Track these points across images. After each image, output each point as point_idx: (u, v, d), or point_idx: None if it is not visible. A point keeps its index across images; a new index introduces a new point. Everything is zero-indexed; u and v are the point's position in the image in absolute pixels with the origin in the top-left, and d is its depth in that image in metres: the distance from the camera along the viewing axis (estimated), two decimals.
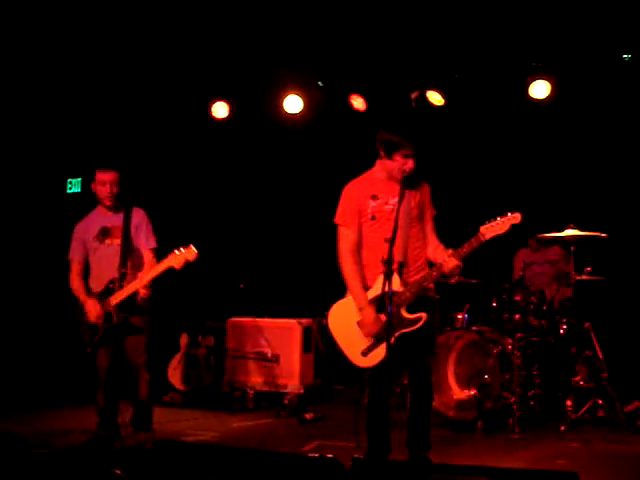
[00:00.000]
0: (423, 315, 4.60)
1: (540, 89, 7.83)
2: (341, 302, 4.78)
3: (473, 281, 7.19)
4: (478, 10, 7.32)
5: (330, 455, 3.65)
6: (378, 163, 4.89)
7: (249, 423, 6.97)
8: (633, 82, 7.56)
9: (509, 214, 4.65)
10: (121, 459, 4.83)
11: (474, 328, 6.95)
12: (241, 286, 8.45)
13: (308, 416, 6.96)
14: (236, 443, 6.11)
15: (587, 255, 7.05)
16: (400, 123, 4.96)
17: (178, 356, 8.03)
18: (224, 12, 7.66)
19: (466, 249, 4.67)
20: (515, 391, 6.49)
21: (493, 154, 8.46)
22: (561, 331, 6.95)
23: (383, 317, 4.54)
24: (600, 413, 6.64)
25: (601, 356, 6.86)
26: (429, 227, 4.96)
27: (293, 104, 8.53)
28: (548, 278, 7.60)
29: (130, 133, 8.86)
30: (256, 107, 8.78)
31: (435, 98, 8.15)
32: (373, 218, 4.75)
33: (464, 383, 6.74)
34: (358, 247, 4.78)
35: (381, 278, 4.52)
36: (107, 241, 5.83)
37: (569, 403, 6.57)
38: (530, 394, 6.70)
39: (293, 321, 7.84)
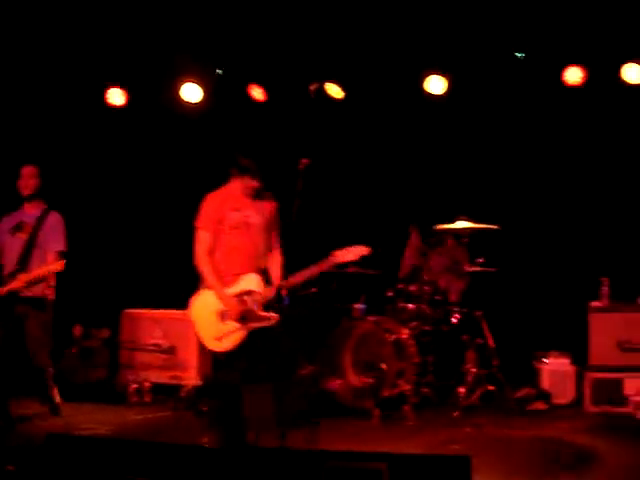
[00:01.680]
0: (274, 315, 5.18)
1: (436, 85, 7.99)
2: (200, 295, 5.31)
3: (369, 272, 7.30)
4: (378, 4, 7.41)
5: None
6: (233, 180, 5.44)
7: (145, 416, 6.86)
8: (526, 80, 7.82)
9: (359, 247, 5.22)
10: (14, 454, 4.68)
11: (370, 318, 7.06)
12: (137, 277, 8.31)
13: (205, 408, 6.90)
14: (132, 436, 6.00)
15: (480, 246, 7.28)
16: (251, 150, 5.58)
17: (71, 349, 7.83)
18: None
19: (298, 278, 5.22)
20: (410, 379, 6.64)
21: (390, 147, 8.60)
22: (454, 320, 7.15)
23: (239, 307, 5.16)
24: (491, 399, 6.87)
25: (492, 344, 7.10)
26: (275, 240, 5.49)
27: (191, 92, 8.41)
28: (443, 269, 7.78)
29: (24, 121, 8.54)
30: (153, 95, 8.61)
31: (334, 91, 8.20)
32: (234, 227, 5.30)
33: (361, 372, 6.83)
34: (213, 250, 5.31)
35: (247, 277, 5.20)
36: (18, 234, 6.32)
37: (461, 390, 6.76)
38: (424, 381, 6.85)
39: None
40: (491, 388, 6.91)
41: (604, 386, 6.79)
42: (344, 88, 8.20)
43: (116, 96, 8.60)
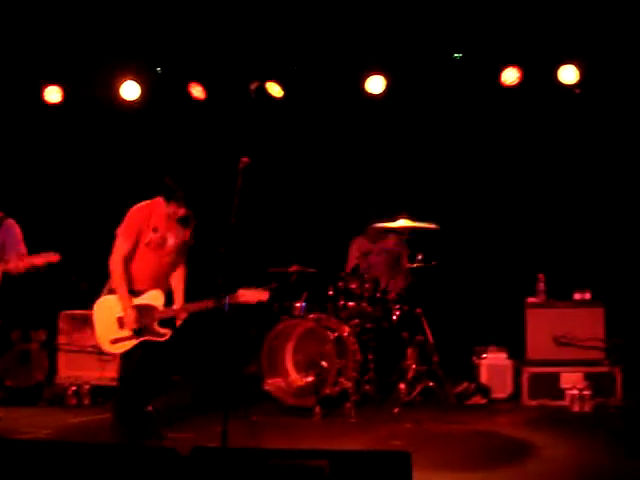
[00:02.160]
0: (167, 331, 5.52)
1: (375, 84, 8.06)
2: (107, 297, 5.64)
3: (310, 270, 7.32)
4: (317, 4, 7.44)
5: (169, 446, 3.62)
6: (160, 199, 5.66)
7: (85, 418, 6.77)
8: (463, 79, 7.94)
9: (261, 291, 5.46)
10: None
11: (311, 316, 7.08)
12: (73, 278, 8.15)
13: (149, 409, 6.83)
14: (72, 439, 5.92)
15: (420, 243, 7.36)
16: (182, 176, 5.74)
17: (9, 352, 7.67)
18: None
19: (196, 307, 5.55)
20: (351, 376, 6.68)
21: (331, 146, 8.64)
22: (394, 317, 7.21)
23: (138, 319, 5.48)
24: (431, 395, 6.96)
25: (432, 340, 7.19)
26: (184, 256, 5.84)
27: (130, 90, 8.32)
28: (385, 267, 7.86)
29: None
30: (91, 92, 8.48)
31: (274, 90, 8.20)
32: (148, 244, 5.59)
33: (302, 370, 6.85)
34: (129, 260, 5.59)
35: (152, 292, 5.55)
36: None
37: (402, 386, 6.83)
38: (366, 379, 6.90)
39: None
40: (431, 384, 7.00)
41: (541, 380, 6.94)
42: (284, 87, 8.21)
43: (53, 93, 8.45)
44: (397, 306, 7.24)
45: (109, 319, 5.55)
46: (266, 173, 7.95)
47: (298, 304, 7.23)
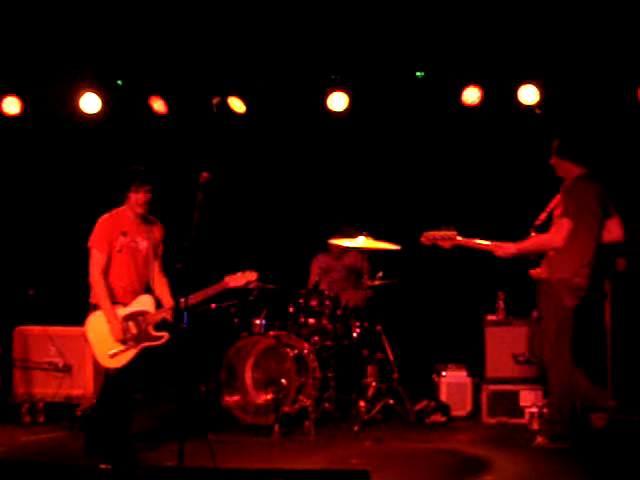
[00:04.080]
0: (164, 334, 5.60)
1: (338, 101, 8.07)
2: (96, 314, 5.66)
3: (270, 287, 7.27)
4: (281, 19, 7.45)
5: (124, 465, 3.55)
6: (126, 202, 5.82)
7: (39, 437, 6.63)
8: (425, 98, 7.99)
9: (248, 272, 5.74)
10: None
11: (271, 333, 7.03)
12: (30, 292, 8.02)
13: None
14: (25, 457, 5.79)
15: (382, 260, 7.36)
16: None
17: None
18: (17, 3, 7.29)
19: (191, 300, 5.36)
20: (311, 394, 6.63)
21: (292, 162, 8.64)
22: (354, 334, 7.20)
23: (133, 328, 5.60)
24: (391, 412, 6.94)
25: (392, 358, 7.19)
26: (158, 263, 5.94)
27: (91, 103, 8.22)
28: (346, 283, 7.85)
29: None
30: (50, 104, 8.38)
31: (237, 105, 8.18)
32: (121, 251, 5.69)
33: (261, 388, 6.79)
34: (106, 271, 5.67)
35: (142, 298, 5.66)
36: None
37: (362, 404, 6.80)
38: (325, 396, 6.86)
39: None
40: (391, 401, 6.98)
41: (500, 398, 6.96)
42: (246, 102, 8.19)
43: (11, 105, 8.33)
44: (357, 323, 7.22)
45: (102, 334, 5.58)
46: (227, 188, 7.93)
47: (258, 321, 7.17)
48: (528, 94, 7.70)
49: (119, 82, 8.30)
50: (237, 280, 5.70)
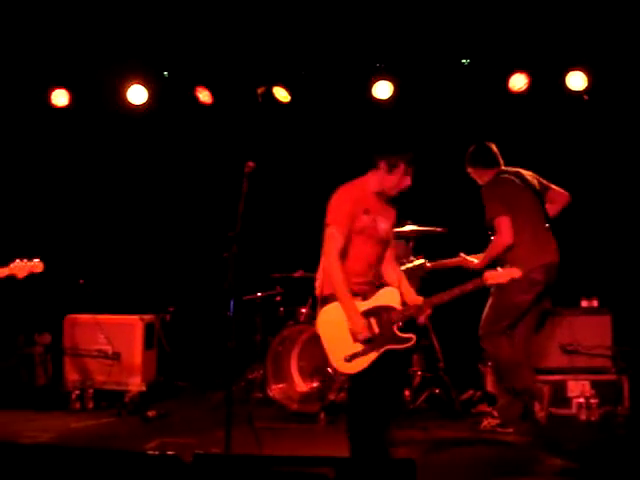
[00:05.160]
0: (413, 336, 4.63)
1: (383, 89, 8.03)
2: (329, 308, 4.63)
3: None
4: (325, 8, 7.43)
5: (171, 452, 3.59)
6: (370, 175, 4.79)
7: (89, 423, 6.74)
8: (471, 85, 7.90)
9: (510, 268, 4.82)
10: None
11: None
12: (81, 281, 8.16)
13: (150, 414, 6.82)
14: (74, 443, 5.90)
15: (427, 248, 7.32)
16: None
17: (13, 355, 7.66)
18: None
19: (444, 297, 4.73)
20: None
21: (337, 151, 8.61)
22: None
23: (374, 326, 4.55)
24: (437, 402, 6.91)
25: (438, 346, 7.14)
26: (392, 252, 4.91)
27: (137, 94, 8.31)
28: None
29: None
30: (98, 96, 8.49)
31: (281, 94, 8.19)
32: (359, 233, 4.61)
33: (307, 376, 6.82)
34: (343, 255, 4.60)
35: (386, 290, 4.63)
36: None
37: (407, 393, 6.78)
38: None
39: (135, 317, 7.63)
40: (437, 391, 6.95)
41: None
42: (291, 92, 8.19)
43: (60, 97, 8.45)
44: None
45: (339, 332, 4.52)
46: (272, 178, 7.94)
47: (304, 310, 7.20)
48: (576, 80, 7.58)
49: (165, 73, 8.38)
50: (499, 277, 4.75)
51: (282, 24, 7.62)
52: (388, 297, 4.62)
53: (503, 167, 6.34)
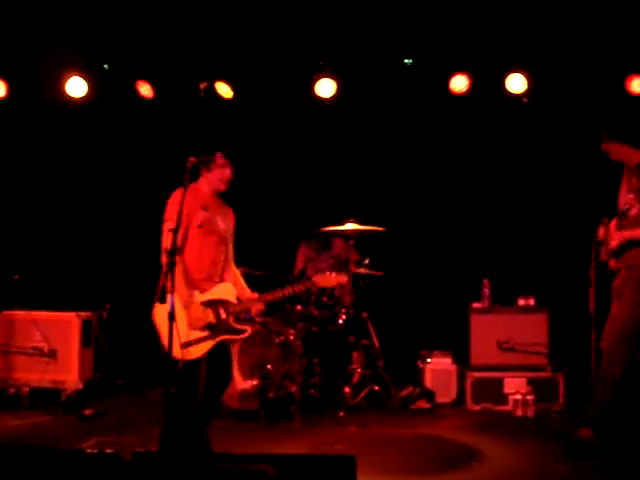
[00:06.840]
0: (248, 328, 5.04)
1: (326, 88, 8.04)
2: (169, 296, 4.72)
3: (257, 273, 7.26)
4: (269, 4, 7.40)
5: (110, 450, 3.54)
6: (202, 177, 5.20)
7: (24, 421, 6.60)
8: (413, 85, 7.97)
9: (336, 274, 5.22)
10: None
11: (257, 319, 7.02)
12: (15, 277, 7.97)
13: (87, 412, 6.71)
14: (10, 442, 5.77)
15: (368, 248, 7.38)
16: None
17: None
18: None
19: (275, 295, 5.14)
20: (296, 380, 6.65)
21: (279, 149, 8.60)
22: (340, 321, 7.21)
23: (211, 316, 4.95)
24: (376, 399, 6.97)
25: (377, 344, 7.20)
26: (231, 252, 5.29)
27: (77, 87, 8.16)
28: (329, 270, 7.83)
29: None
30: (36, 88, 8.30)
31: (224, 90, 8.14)
32: (201, 226, 5.00)
33: (247, 373, 6.79)
34: (181, 250, 4.90)
35: (222, 285, 5.04)
36: None
37: (347, 390, 6.83)
38: (311, 382, 6.88)
39: (71, 314, 7.49)
40: (376, 388, 7.01)
41: (485, 385, 7.00)
42: (233, 87, 8.15)
43: None
44: (343, 310, 7.23)
45: (177, 321, 4.70)
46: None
47: None
48: (516, 83, 7.71)
49: (105, 66, 8.24)
50: (328, 281, 5.17)
51: (226, 19, 7.57)
52: (224, 291, 5.02)
53: None
